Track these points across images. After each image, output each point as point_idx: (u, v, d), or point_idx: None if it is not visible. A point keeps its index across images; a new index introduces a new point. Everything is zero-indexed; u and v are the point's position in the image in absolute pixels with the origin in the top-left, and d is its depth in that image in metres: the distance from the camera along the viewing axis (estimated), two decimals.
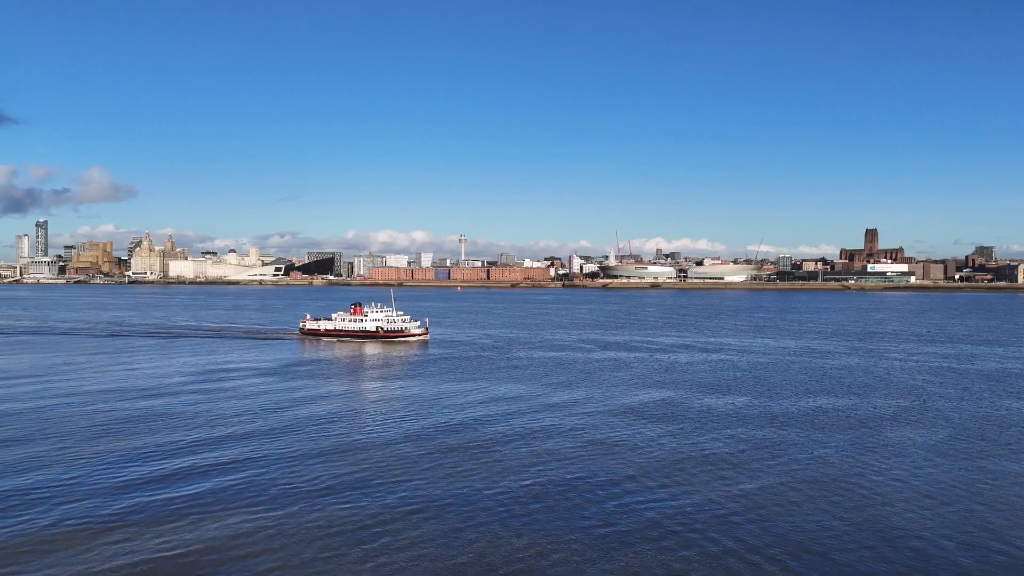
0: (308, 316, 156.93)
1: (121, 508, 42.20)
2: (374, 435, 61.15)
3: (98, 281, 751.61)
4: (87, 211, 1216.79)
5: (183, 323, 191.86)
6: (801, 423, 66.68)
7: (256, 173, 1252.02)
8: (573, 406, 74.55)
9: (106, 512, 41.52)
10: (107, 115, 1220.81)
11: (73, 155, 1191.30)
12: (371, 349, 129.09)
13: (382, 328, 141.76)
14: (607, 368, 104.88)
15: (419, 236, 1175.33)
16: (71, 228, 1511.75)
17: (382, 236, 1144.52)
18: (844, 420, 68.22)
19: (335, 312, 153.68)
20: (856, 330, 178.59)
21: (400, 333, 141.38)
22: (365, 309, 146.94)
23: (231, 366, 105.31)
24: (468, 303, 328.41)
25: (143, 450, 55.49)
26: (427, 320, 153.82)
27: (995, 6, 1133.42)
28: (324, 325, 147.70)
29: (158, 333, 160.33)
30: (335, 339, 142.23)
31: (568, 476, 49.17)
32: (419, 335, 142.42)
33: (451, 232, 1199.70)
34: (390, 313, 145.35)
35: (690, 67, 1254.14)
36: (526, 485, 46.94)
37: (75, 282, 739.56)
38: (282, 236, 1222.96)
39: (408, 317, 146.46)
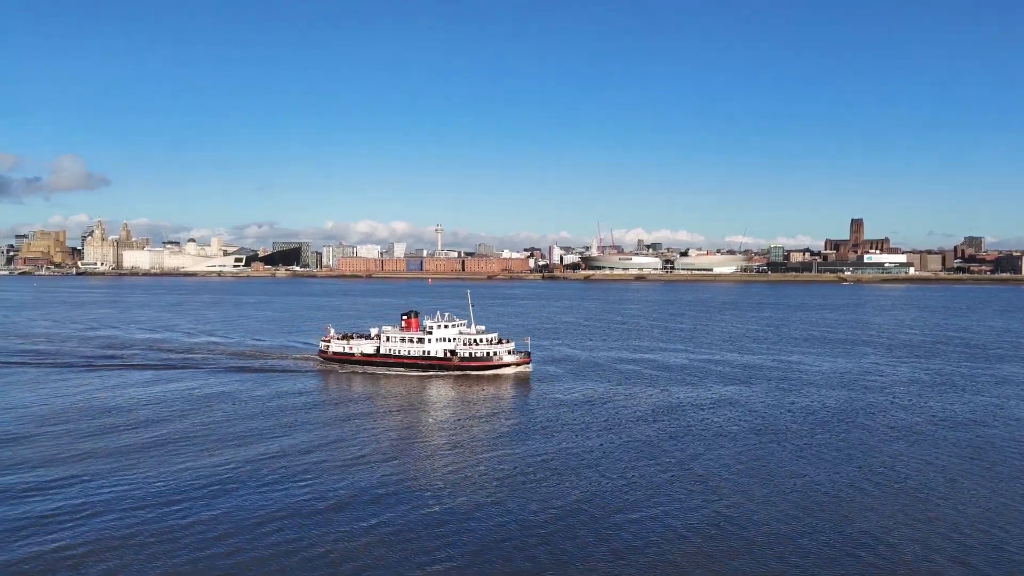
0: (332, 331, 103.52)
1: None
2: None
3: (44, 272, 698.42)
4: (59, 200, 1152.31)
5: (39, 331, 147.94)
6: None
7: (234, 163, 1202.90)
8: None
9: None
10: (78, 103, 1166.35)
11: (42, 143, 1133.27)
12: (438, 389, 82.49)
13: (454, 353, 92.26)
14: (582, 429, 63.01)
15: (399, 227, 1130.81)
16: (42, 218, 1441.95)
17: (361, 226, 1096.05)
18: None
19: (378, 326, 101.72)
20: (912, 340, 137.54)
21: (484, 362, 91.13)
22: (426, 322, 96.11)
23: None
24: (430, 299, 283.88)
25: None
26: (528, 341, 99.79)
27: (972, 7, 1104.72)
28: (361, 347, 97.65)
29: None
30: (379, 368, 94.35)
31: None
32: (515, 364, 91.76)
33: (431, 223, 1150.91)
34: (466, 328, 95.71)
35: (669, 60, 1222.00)
36: None
37: (20, 273, 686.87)
38: (260, 226, 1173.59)
39: (495, 336, 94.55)
